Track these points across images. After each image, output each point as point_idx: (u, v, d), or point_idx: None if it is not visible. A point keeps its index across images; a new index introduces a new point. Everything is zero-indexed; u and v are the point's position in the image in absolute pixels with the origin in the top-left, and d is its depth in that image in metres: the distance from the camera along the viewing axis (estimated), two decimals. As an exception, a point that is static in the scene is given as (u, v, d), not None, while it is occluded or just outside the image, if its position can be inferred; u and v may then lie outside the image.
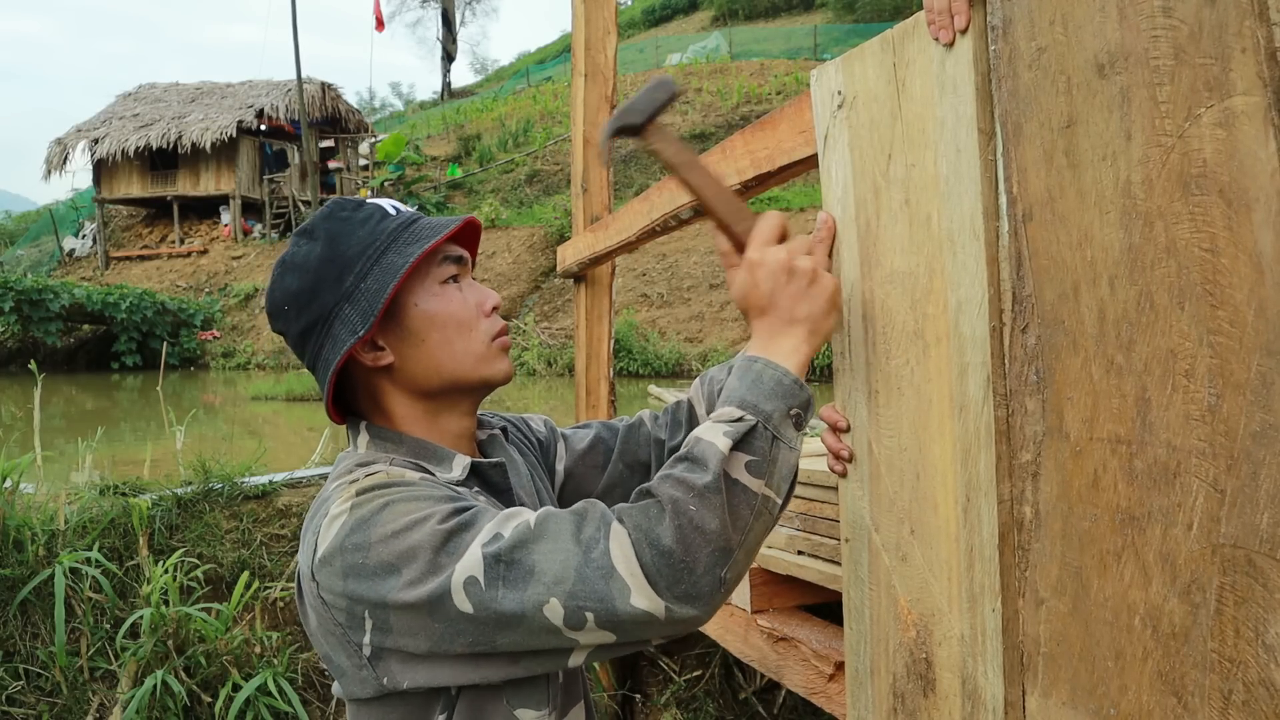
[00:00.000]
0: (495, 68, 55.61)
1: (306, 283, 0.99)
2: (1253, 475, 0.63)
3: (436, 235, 0.99)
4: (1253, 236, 0.62)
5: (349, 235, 0.99)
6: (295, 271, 1.00)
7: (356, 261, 0.98)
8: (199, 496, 3.33)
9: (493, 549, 0.82)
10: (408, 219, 1.02)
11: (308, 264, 0.99)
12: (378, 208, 1.02)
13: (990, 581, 0.86)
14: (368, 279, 0.97)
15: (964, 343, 0.88)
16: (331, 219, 1.01)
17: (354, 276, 0.98)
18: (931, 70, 0.90)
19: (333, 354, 0.98)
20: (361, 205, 1.02)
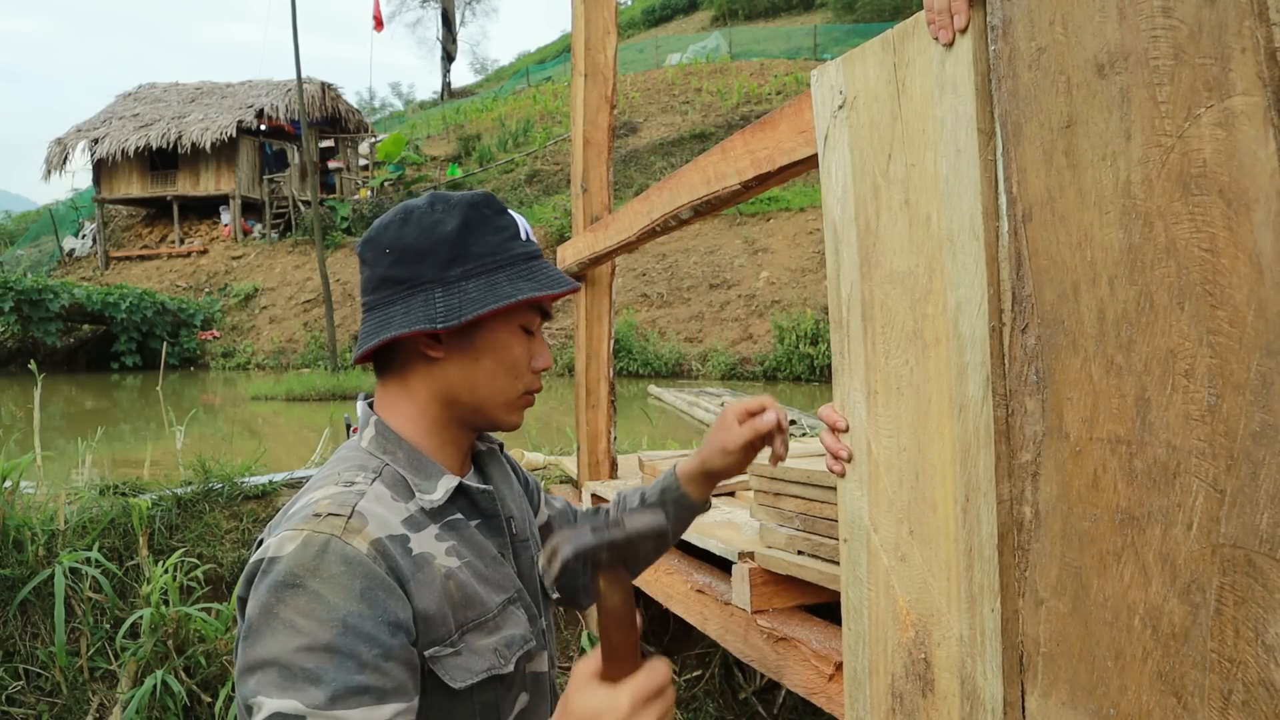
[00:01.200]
0: (495, 68, 55.61)
1: (422, 245, 1.01)
2: (1252, 475, 0.63)
3: (551, 289, 1.02)
4: (1252, 236, 0.62)
5: (481, 232, 1.02)
6: (418, 229, 1.01)
7: (474, 261, 1.00)
8: (199, 496, 3.32)
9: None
10: (531, 251, 1.05)
11: (433, 231, 1.01)
12: (515, 223, 1.06)
13: (989, 581, 0.86)
14: (472, 282, 0.99)
15: (963, 343, 0.88)
16: (474, 208, 1.03)
17: (463, 271, 1.00)
18: (931, 70, 0.90)
19: (402, 321, 0.99)
20: (504, 212, 1.06)
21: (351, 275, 19.79)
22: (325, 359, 16.29)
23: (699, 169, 1.72)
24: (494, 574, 1.01)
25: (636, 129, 23.26)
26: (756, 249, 16.52)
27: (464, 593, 0.95)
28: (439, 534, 0.97)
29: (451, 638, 0.92)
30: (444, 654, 0.91)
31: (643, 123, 23.63)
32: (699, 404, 9.52)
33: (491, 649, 0.96)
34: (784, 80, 23.48)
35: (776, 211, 17.11)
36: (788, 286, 15.33)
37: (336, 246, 20.67)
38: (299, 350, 18.14)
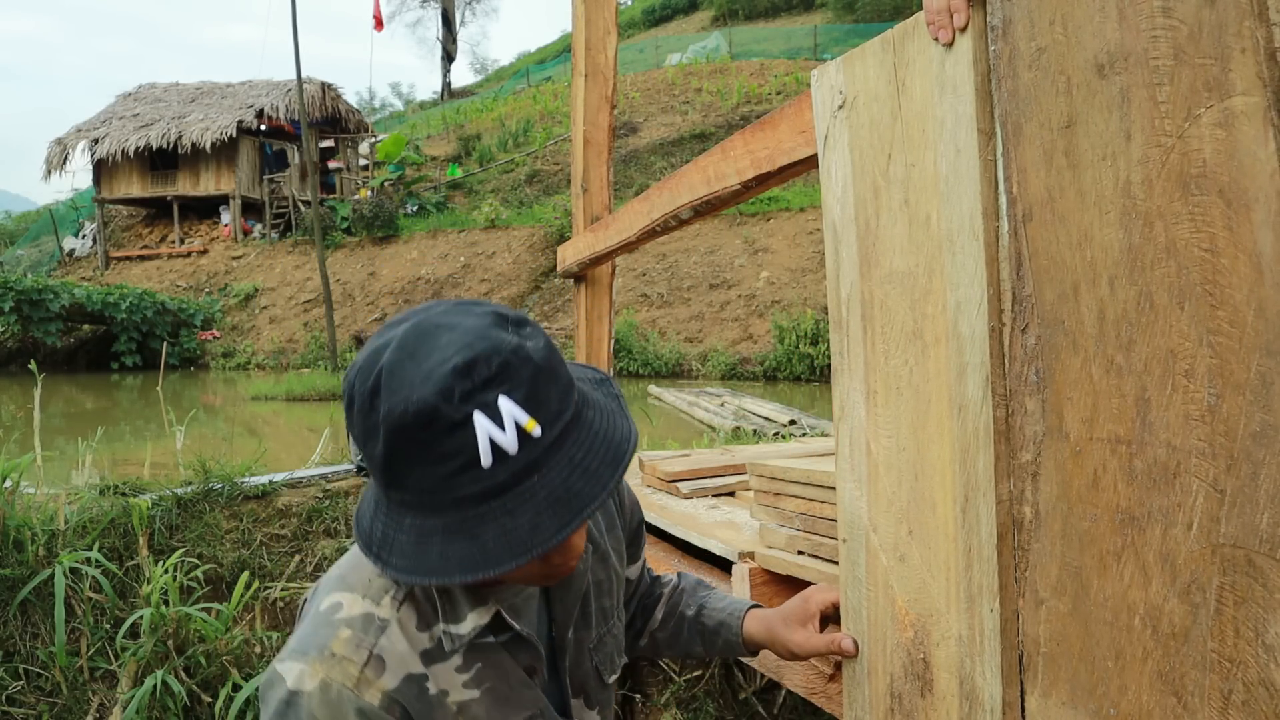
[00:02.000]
0: (495, 68, 55.61)
1: (361, 444, 0.79)
2: (1252, 475, 0.63)
3: (481, 570, 0.74)
4: (1252, 236, 0.62)
5: (416, 462, 0.75)
6: (357, 425, 0.78)
7: (410, 492, 0.77)
8: (199, 496, 3.32)
9: None
10: (493, 485, 0.74)
11: (365, 440, 0.78)
12: (471, 445, 0.73)
13: (989, 582, 0.86)
14: (408, 518, 0.77)
15: (963, 343, 0.88)
16: (403, 433, 0.74)
17: (399, 500, 0.78)
18: (931, 70, 0.90)
19: (360, 517, 0.84)
20: (457, 428, 0.73)
21: (351, 275, 19.80)
22: (325, 359, 16.29)
23: (699, 169, 1.72)
24: (517, 695, 0.94)
25: (636, 129, 23.26)
26: (756, 249, 16.52)
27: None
28: (460, 664, 0.90)
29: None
30: None
31: (643, 123, 23.63)
32: (699, 404, 9.52)
33: None
34: (784, 80, 23.49)
35: (776, 211, 17.11)
36: (788, 286, 15.33)
37: (336, 246, 20.67)
38: (299, 350, 18.15)
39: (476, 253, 19.16)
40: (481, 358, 0.74)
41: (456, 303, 0.82)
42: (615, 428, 0.82)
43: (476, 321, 0.77)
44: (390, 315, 18.23)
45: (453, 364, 0.73)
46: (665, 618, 1.26)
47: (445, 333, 0.76)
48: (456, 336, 0.75)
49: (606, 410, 0.84)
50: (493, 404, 0.73)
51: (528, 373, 0.75)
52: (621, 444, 0.80)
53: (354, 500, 3.54)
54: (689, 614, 1.24)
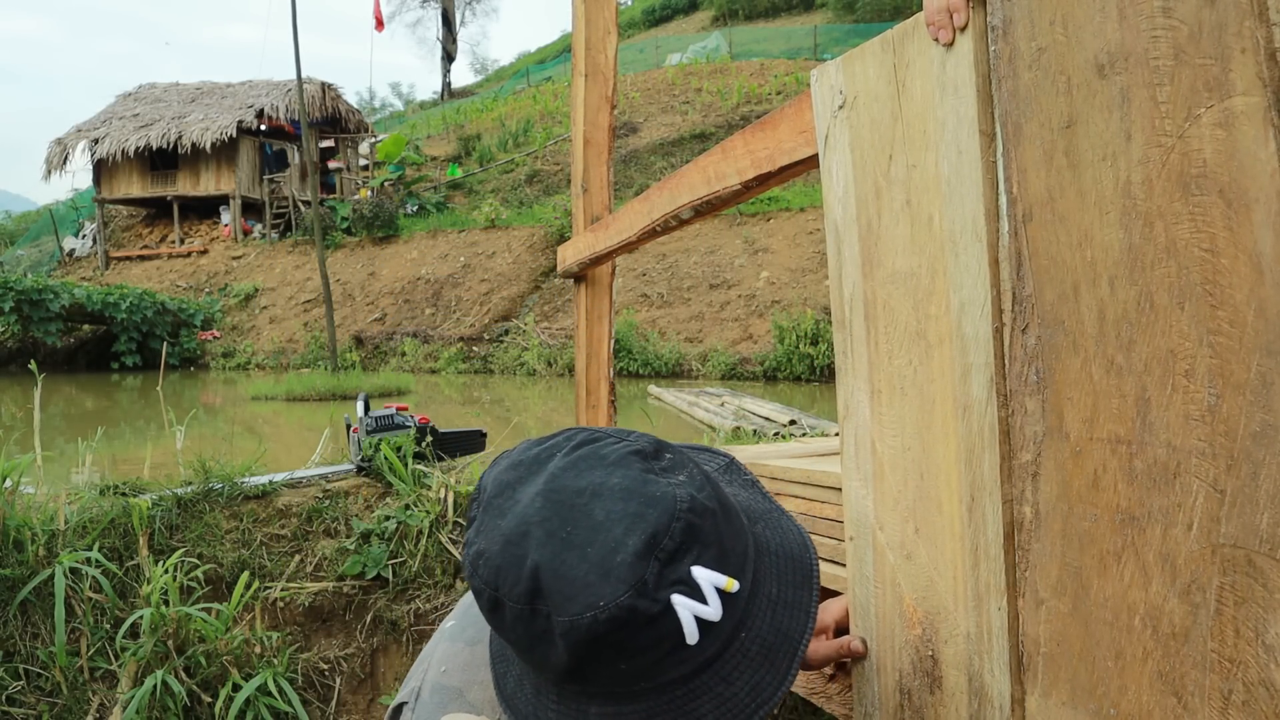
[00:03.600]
0: (495, 68, 55.61)
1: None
2: (1253, 475, 0.64)
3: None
4: (1253, 237, 0.62)
5: (606, 662, 0.65)
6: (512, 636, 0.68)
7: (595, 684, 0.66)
8: (199, 496, 3.32)
9: None
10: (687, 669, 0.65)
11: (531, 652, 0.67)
12: (676, 629, 0.64)
13: (996, 580, 0.86)
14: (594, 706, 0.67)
15: (967, 344, 0.88)
16: (596, 644, 0.63)
17: (580, 691, 0.67)
18: (932, 71, 0.90)
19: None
20: (650, 624, 0.63)
21: (351, 275, 19.78)
22: (325, 359, 16.30)
23: (699, 169, 1.72)
24: None
25: (637, 129, 23.26)
26: (756, 249, 16.53)
27: None
28: None
29: None
30: None
31: (643, 123, 23.63)
32: (699, 404, 9.52)
33: None
34: (784, 80, 23.49)
35: (776, 211, 17.12)
36: (788, 286, 15.33)
37: (336, 246, 20.68)
38: (299, 350, 18.15)
39: (476, 253, 19.16)
40: (661, 530, 0.63)
41: (575, 445, 0.69)
42: (787, 536, 0.75)
43: (624, 476, 0.65)
44: (390, 315, 18.21)
45: (632, 549, 0.62)
46: None
47: (595, 502, 0.64)
48: (614, 506, 0.64)
49: (765, 514, 0.76)
50: (688, 579, 0.63)
51: (710, 526, 0.66)
52: (803, 555, 0.73)
53: (354, 500, 3.54)
54: None
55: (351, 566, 3.15)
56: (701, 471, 0.70)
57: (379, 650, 3.15)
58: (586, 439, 0.70)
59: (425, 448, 3.68)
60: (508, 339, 16.59)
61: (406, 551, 3.20)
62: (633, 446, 0.69)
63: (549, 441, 0.71)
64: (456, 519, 3.34)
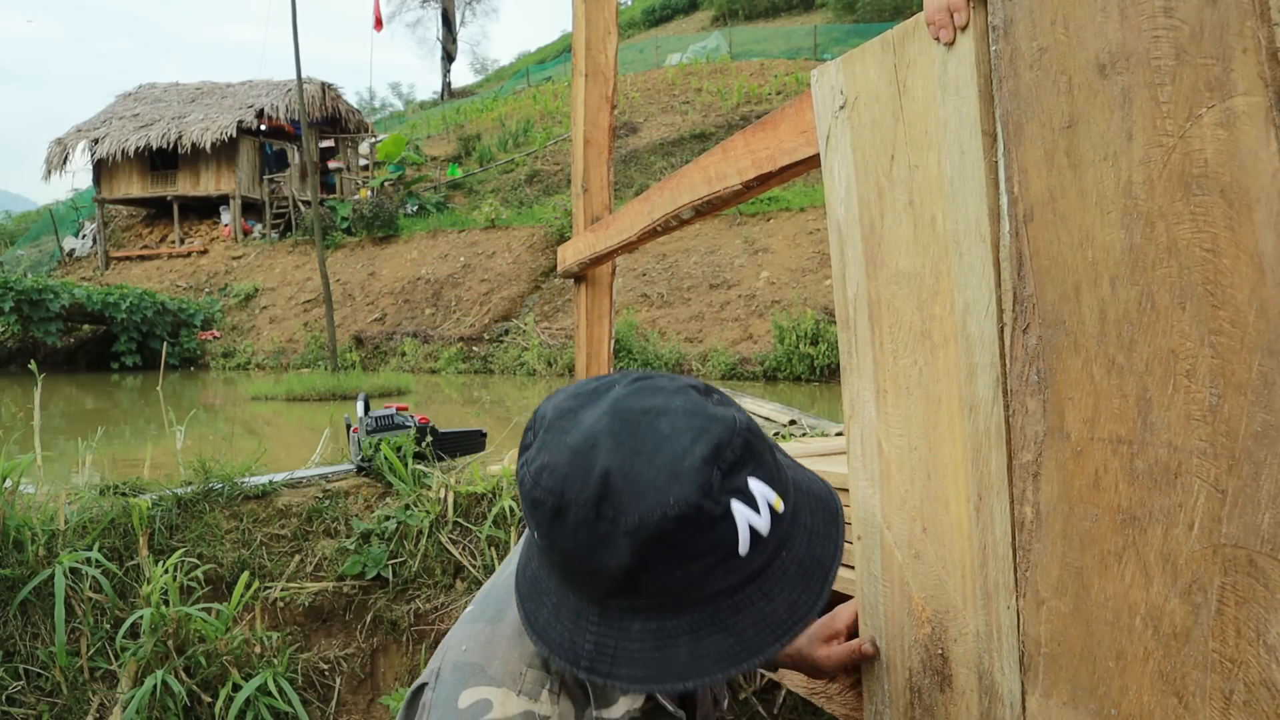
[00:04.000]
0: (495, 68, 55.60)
1: (585, 565, 0.71)
2: (1254, 475, 0.63)
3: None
4: (1254, 237, 0.62)
5: (666, 565, 0.68)
6: (574, 539, 0.70)
7: (646, 598, 0.70)
8: (199, 496, 3.32)
9: None
10: (747, 573, 0.70)
11: (593, 554, 0.70)
12: (733, 533, 0.68)
13: (1004, 579, 0.86)
14: (638, 622, 0.71)
15: (972, 344, 0.88)
16: (660, 542, 0.67)
17: (629, 605, 0.71)
18: (933, 72, 0.90)
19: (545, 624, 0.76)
20: (718, 522, 0.68)
21: (351, 275, 19.79)
22: (325, 359, 16.29)
23: (700, 169, 1.72)
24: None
25: (637, 129, 23.26)
26: (756, 249, 16.53)
27: None
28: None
29: None
30: None
31: (643, 123, 23.63)
32: (699, 404, 9.50)
33: None
34: (784, 80, 23.49)
35: (776, 211, 17.12)
36: (788, 286, 15.33)
37: (336, 246, 20.68)
38: (299, 350, 18.15)
39: (476, 253, 19.16)
40: (724, 442, 0.68)
41: (634, 379, 0.74)
42: (814, 482, 0.80)
43: (685, 400, 0.71)
44: (390, 315, 18.21)
45: (699, 454, 0.67)
46: None
47: (661, 419, 0.69)
48: (679, 421, 0.69)
49: (793, 464, 0.80)
50: (745, 489, 0.68)
51: (763, 448, 0.72)
52: (829, 498, 0.78)
53: (354, 500, 3.54)
54: None
55: (351, 566, 3.15)
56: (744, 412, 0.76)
57: (379, 650, 3.15)
58: (643, 375, 0.76)
59: (425, 448, 3.67)
60: (508, 339, 16.59)
61: (406, 551, 3.20)
62: (688, 381, 0.75)
63: (606, 378, 0.76)
64: (456, 519, 3.34)
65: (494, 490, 3.40)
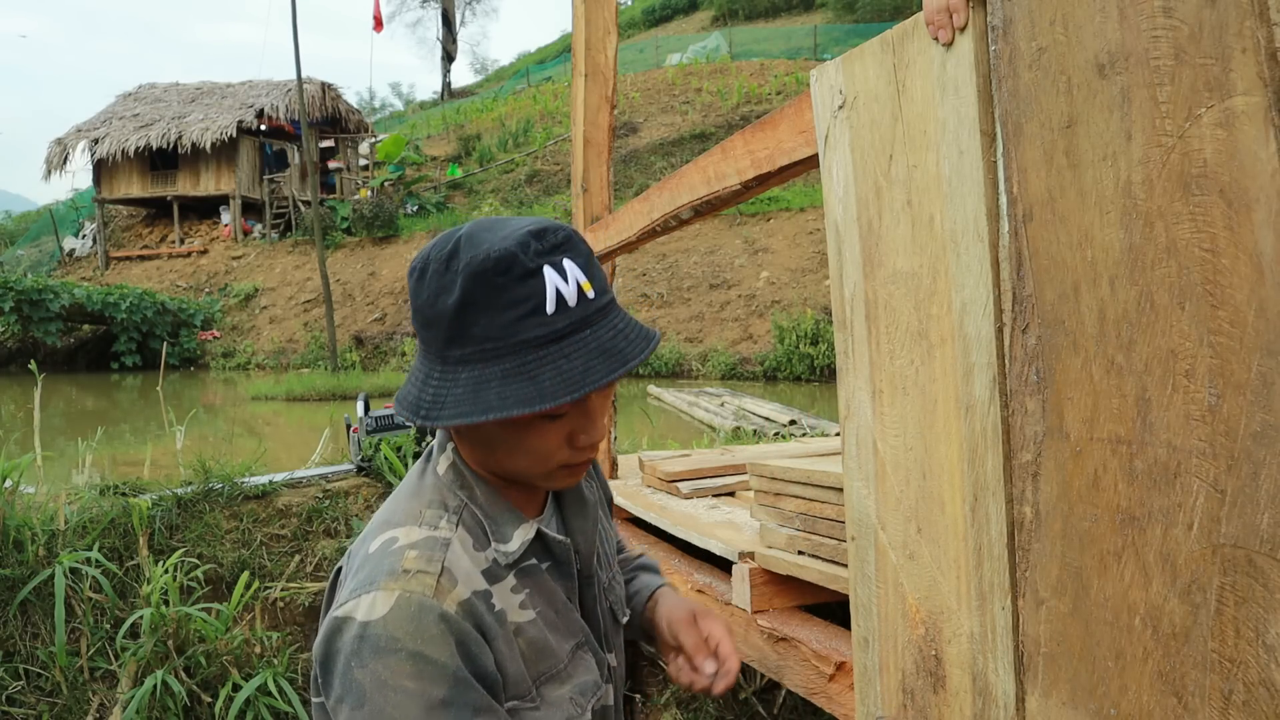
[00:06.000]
0: (495, 68, 55.56)
1: (427, 313, 0.87)
2: (1253, 475, 0.63)
3: (542, 403, 0.81)
4: (1253, 237, 0.62)
5: (485, 309, 0.83)
6: (427, 293, 0.86)
7: (471, 345, 0.84)
8: (199, 496, 3.32)
9: None
10: (554, 331, 0.83)
11: (435, 302, 0.85)
12: (540, 290, 0.82)
13: (1000, 580, 0.86)
14: (464, 372, 0.84)
15: (969, 344, 0.88)
16: (480, 278, 0.83)
17: (460, 355, 0.84)
18: (932, 72, 0.90)
19: (404, 394, 0.90)
20: (529, 277, 0.82)
21: (351, 275, 19.81)
22: (325, 359, 16.29)
23: (699, 169, 1.72)
24: (564, 621, 0.97)
25: (636, 129, 23.26)
26: (756, 249, 16.53)
27: (537, 646, 0.92)
28: (514, 585, 0.93)
29: (531, 693, 0.90)
30: (524, 708, 0.90)
31: (643, 123, 23.63)
32: (699, 404, 9.51)
33: (567, 698, 0.94)
34: (784, 80, 23.49)
35: (776, 211, 17.11)
36: (788, 286, 15.33)
37: (336, 246, 20.68)
38: (299, 350, 18.15)
39: (476, 253, 19.16)
40: (551, 228, 0.86)
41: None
42: (638, 325, 0.92)
43: (532, 219, 0.89)
44: (390, 315, 18.23)
45: (528, 228, 0.85)
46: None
47: (511, 220, 0.88)
48: (523, 220, 0.87)
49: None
50: (559, 263, 0.84)
51: (586, 249, 0.88)
52: (649, 333, 0.90)
53: (354, 500, 3.54)
54: (628, 585, 1.23)
55: (351, 566, 3.14)
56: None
57: (379, 650, 3.14)
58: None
59: (425, 447, 3.67)
60: (508, 339, 16.59)
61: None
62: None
63: None
64: (456, 519, 3.33)
65: (494, 490, 3.40)
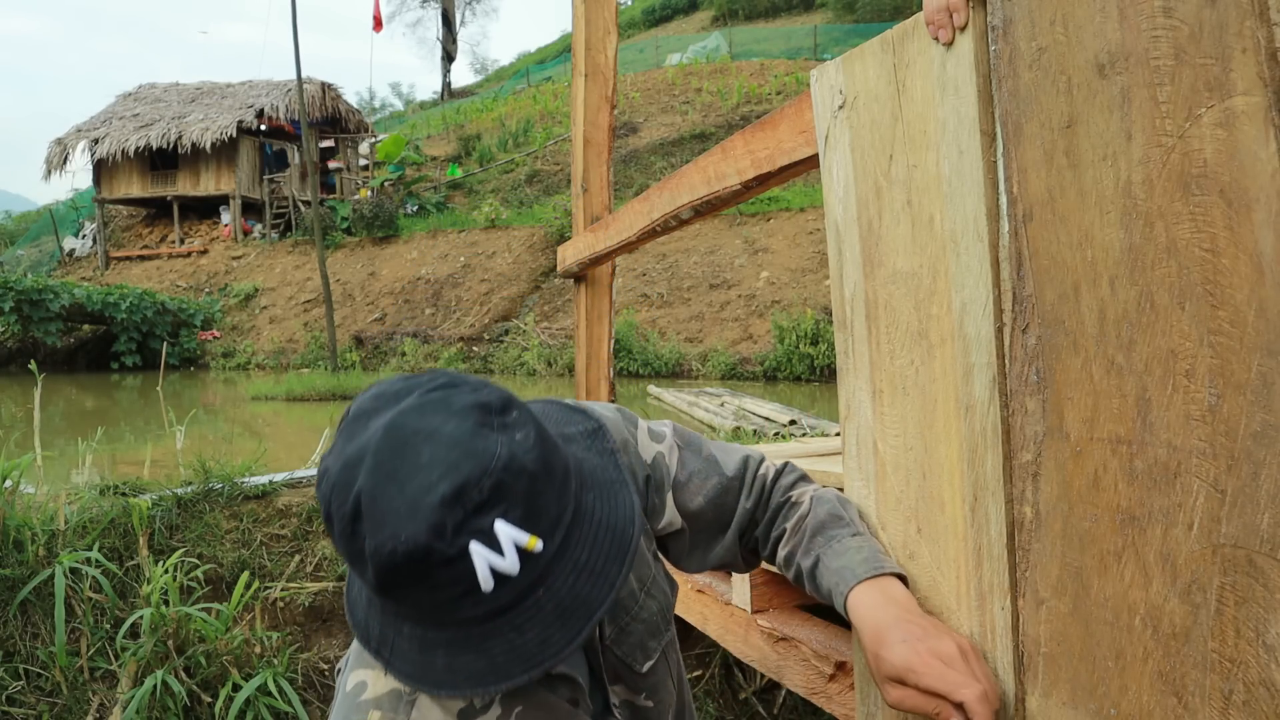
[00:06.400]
0: (495, 68, 55.56)
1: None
2: (1253, 475, 0.63)
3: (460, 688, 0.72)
4: (1253, 236, 0.62)
5: (404, 597, 0.72)
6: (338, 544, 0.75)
7: (406, 607, 0.73)
8: (199, 496, 3.32)
9: None
10: (478, 615, 0.71)
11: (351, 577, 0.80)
12: (468, 578, 0.69)
13: (999, 580, 0.86)
14: (406, 626, 0.75)
15: (969, 344, 0.88)
16: (386, 583, 0.71)
17: (397, 612, 0.75)
18: (932, 71, 0.90)
19: (351, 613, 0.83)
20: (451, 562, 0.68)
21: (351, 275, 19.80)
22: (325, 359, 16.29)
23: (699, 169, 1.72)
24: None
25: (636, 129, 23.26)
26: (756, 249, 16.53)
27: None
28: (500, 713, 0.84)
29: None
30: None
31: (643, 123, 23.63)
32: (699, 404, 9.52)
33: None
34: (784, 80, 23.48)
35: (776, 211, 17.11)
36: (788, 286, 15.33)
37: (336, 246, 20.68)
38: (299, 350, 18.15)
39: (476, 253, 19.16)
40: (471, 482, 0.68)
41: (434, 387, 0.75)
42: (617, 509, 0.77)
43: (458, 426, 0.70)
44: (390, 315, 18.22)
45: (440, 493, 0.67)
46: (787, 560, 1.05)
47: (425, 445, 0.70)
48: (439, 452, 0.69)
49: (605, 484, 0.80)
50: (488, 530, 0.68)
51: (522, 487, 0.70)
52: (625, 529, 0.76)
53: (354, 500, 3.54)
54: (805, 565, 1.01)
55: (351, 566, 3.15)
56: (539, 434, 0.74)
57: (379, 650, 3.15)
58: (446, 383, 0.75)
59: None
60: (508, 339, 16.59)
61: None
62: (480, 399, 0.73)
63: (416, 379, 0.77)
64: (456, 519, 3.34)
65: (494, 490, 3.40)
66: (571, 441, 0.84)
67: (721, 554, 1.08)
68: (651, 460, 1.02)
